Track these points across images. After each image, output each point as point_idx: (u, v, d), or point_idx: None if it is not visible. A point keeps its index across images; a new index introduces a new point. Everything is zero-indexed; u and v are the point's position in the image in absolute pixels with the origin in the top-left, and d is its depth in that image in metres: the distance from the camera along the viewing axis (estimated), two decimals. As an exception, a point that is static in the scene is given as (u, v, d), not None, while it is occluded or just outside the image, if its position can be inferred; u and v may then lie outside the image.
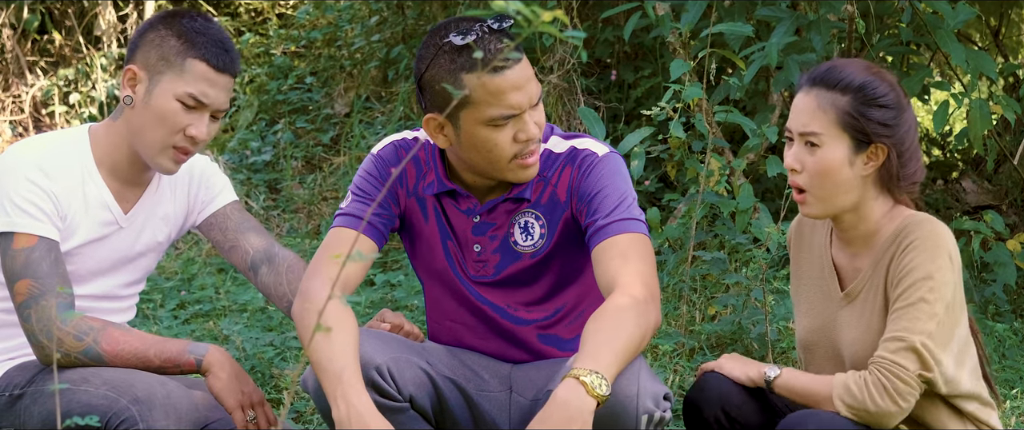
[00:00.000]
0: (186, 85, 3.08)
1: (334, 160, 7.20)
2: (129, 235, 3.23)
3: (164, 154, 3.12)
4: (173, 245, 6.56)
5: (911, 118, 2.97)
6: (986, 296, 5.31)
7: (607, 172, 3.11)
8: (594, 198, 3.09)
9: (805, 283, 3.13)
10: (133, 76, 3.12)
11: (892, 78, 2.97)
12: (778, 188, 5.97)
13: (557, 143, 3.17)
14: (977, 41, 6.54)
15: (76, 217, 3.13)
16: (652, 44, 6.52)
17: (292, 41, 8.24)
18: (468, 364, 3.22)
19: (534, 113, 3.02)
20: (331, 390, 2.89)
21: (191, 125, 3.10)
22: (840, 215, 3.00)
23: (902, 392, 2.85)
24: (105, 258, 3.20)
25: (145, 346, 3.06)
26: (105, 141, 3.18)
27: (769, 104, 5.93)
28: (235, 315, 5.35)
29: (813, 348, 3.09)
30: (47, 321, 3.01)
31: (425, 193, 3.18)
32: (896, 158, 2.93)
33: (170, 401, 2.94)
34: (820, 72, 2.96)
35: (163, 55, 3.09)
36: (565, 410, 2.77)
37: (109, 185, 3.18)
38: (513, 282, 3.20)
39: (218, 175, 3.38)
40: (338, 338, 2.93)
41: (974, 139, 5.23)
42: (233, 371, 3.09)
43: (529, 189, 3.13)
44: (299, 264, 3.30)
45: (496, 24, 2.96)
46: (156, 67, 3.09)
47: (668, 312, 5.05)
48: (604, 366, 2.81)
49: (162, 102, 3.09)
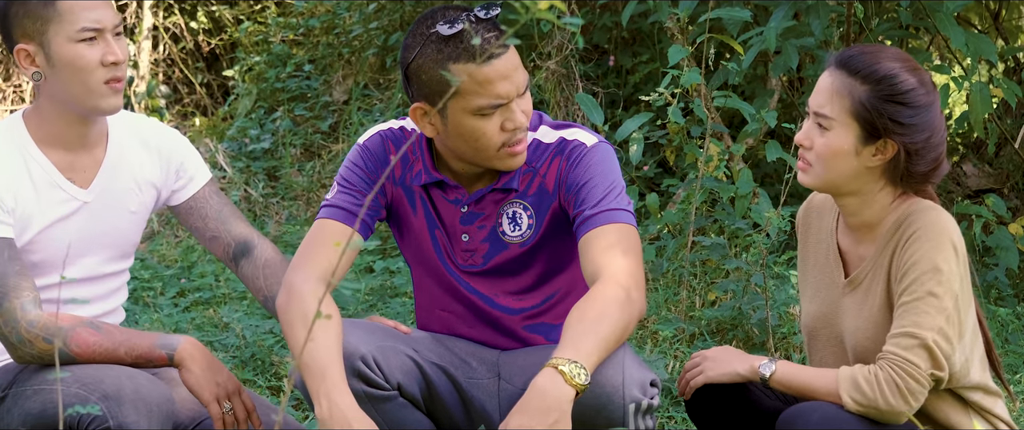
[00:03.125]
0: (71, 24, 3.03)
1: (333, 147, 7.20)
2: (96, 208, 3.17)
3: (99, 94, 3.06)
4: (173, 233, 6.57)
5: (934, 119, 2.89)
6: (988, 280, 5.31)
7: (595, 162, 3.10)
8: (582, 188, 3.08)
9: (811, 268, 3.11)
10: (26, 54, 3.06)
11: (925, 76, 2.90)
12: (777, 173, 5.97)
13: (546, 133, 3.16)
14: (977, 24, 6.52)
15: (27, 205, 3.07)
16: (650, 29, 6.51)
17: (290, 29, 8.23)
18: (455, 351, 3.21)
19: (521, 101, 3.02)
20: (314, 388, 2.88)
21: (104, 54, 3.05)
22: (841, 198, 2.97)
23: (914, 391, 2.83)
24: (77, 238, 3.14)
25: (115, 344, 3.02)
26: (37, 120, 3.12)
27: (768, 89, 5.92)
28: (235, 302, 5.35)
29: (817, 334, 3.07)
30: (13, 323, 2.97)
31: (413, 183, 3.17)
32: (904, 156, 2.88)
33: (139, 395, 2.90)
34: (850, 54, 2.91)
35: (35, 16, 3.04)
36: (543, 400, 2.77)
37: (58, 161, 3.12)
38: (501, 271, 3.19)
39: (190, 152, 3.32)
40: (321, 335, 2.92)
41: (975, 123, 5.22)
42: (206, 363, 3.05)
43: (517, 179, 3.13)
44: (276, 258, 3.28)
45: (483, 13, 2.95)
46: (38, 30, 3.04)
47: (668, 298, 5.05)
48: (584, 355, 2.81)
49: (66, 53, 3.04)
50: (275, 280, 3.25)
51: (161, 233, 6.56)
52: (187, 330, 4.98)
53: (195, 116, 8.73)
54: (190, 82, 9.00)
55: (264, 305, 3.29)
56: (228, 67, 8.82)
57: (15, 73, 8.79)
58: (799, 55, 5.36)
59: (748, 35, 5.26)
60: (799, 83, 6.20)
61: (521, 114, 3.01)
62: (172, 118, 8.66)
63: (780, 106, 6.00)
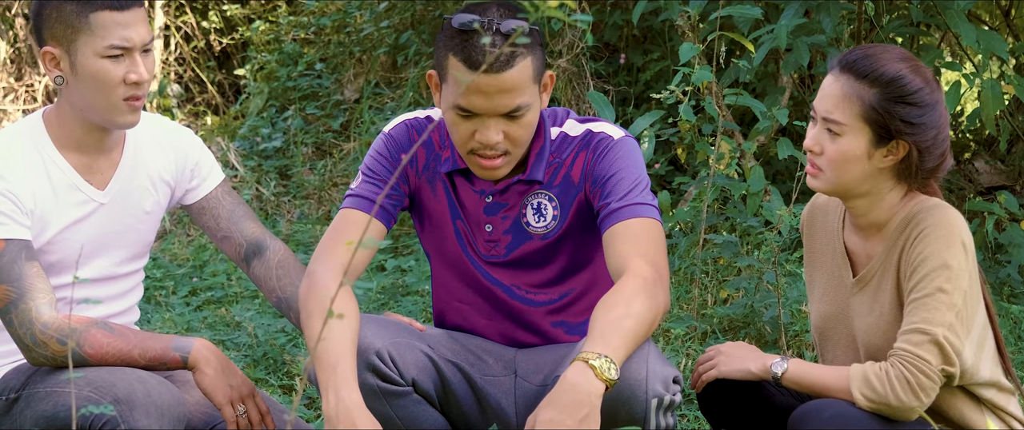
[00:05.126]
0: (102, 40, 3.01)
1: (344, 146, 7.20)
2: (112, 210, 3.17)
3: (117, 110, 3.06)
4: (186, 232, 6.58)
5: (940, 115, 2.90)
6: (1001, 277, 5.30)
7: (622, 156, 3.11)
8: (607, 181, 3.08)
9: (819, 269, 3.11)
10: (52, 57, 3.06)
11: (928, 73, 2.91)
12: (789, 170, 5.96)
13: (573, 126, 3.16)
14: (988, 21, 6.51)
15: (45, 207, 3.08)
16: (661, 27, 6.50)
17: (302, 28, 8.24)
18: (471, 348, 3.21)
19: (501, 122, 3.01)
20: (324, 381, 2.89)
21: (128, 72, 3.03)
22: (851, 199, 2.97)
23: (925, 387, 2.82)
24: (93, 239, 3.14)
25: (129, 346, 3.02)
26: (58, 121, 3.12)
27: (779, 86, 5.91)
28: (247, 301, 5.36)
29: (828, 334, 3.07)
30: (28, 325, 2.97)
31: (440, 170, 3.17)
32: (916, 155, 2.89)
33: (151, 399, 2.90)
34: (853, 58, 2.90)
35: (67, 23, 3.02)
36: (574, 393, 2.77)
37: (76, 164, 3.12)
38: (524, 263, 3.19)
39: (204, 152, 3.32)
40: (337, 328, 2.93)
41: (986, 119, 5.21)
42: (220, 365, 3.05)
43: (542, 171, 3.13)
44: (289, 259, 3.28)
45: (503, 26, 2.94)
46: (67, 37, 3.03)
47: (680, 296, 5.05)
48: (613, 349, 2.81)
49: (90, 66, 3.02)
50: (288, 281, 3.25)
51: (173, 232, 6.57)
52: (199, 329, 4.99)
53: (207, 115, 8.74)
54: (202, 81, 9.01)
55: (276, 306, 3.29)
56: (240, 66, 8.84)
57: (27, 72, 8.81)
58: (810, 52, 5.36)
59: (759, 32, 5.26)
60: (810, 80, 6.19)
61: (495, 133, 3.00)
62: (184, 117, 8.68)
63: (791, 103, 5.99)
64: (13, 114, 8.70)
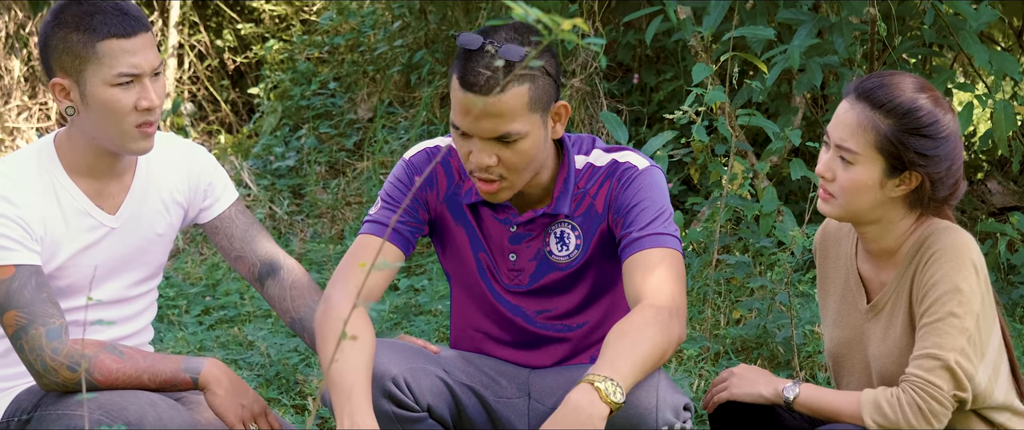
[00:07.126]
0: (110, 68, 3.00)
1: (357, 165, 7.21)
2: (124, 234, 3.17)
3: (130, 137, 3.05)
4: (198, 251, 6.59)
5: (954, 147, 2.89)
6: (1014, 298, 5.28)
7: (646, 185, 3.11)
8: (631, 211, 3.08)
9: (832, 294, 3.10)
10: (61, 88, 3.05)
11: (945, 103, 2.89)
12: (802, 191, 5.96)
13: (599, 156, 3.16)
14: (1000, 42, 6.51)
15: (56, 232, 3.07)
16: (674, 47, 6.51)
17: (315, 47, 8.25)
18: (485, 371, 3.22)
19: (494, 146, 3.00)
20: (339, 407, 2.89)
21: (139, 99, 3.02)
22: (863, 226, 2.97)
23: (937, 412, 2.82)
24: (103, 263, 3.14)
25: (139, 371, 3.02)
26: (69, 148, 3.11)
27: (792, 107, 5.91)
28: (260, 321, 5.36)
29: (843, 360, 3.06)
30: (38, 350, 2.97)
31: (463, 201, 3.17)
32: (929, 185, 2.88)
33: (162, 422, 2.91)
34: (870, 86, 2.89)
35: (74, 54, 3.01)
36: (577, 414, 2.77)
37: (86, 189, 3.12)
38: (546, 291, 3.20)
39: (218, 170, 3.32)
40: (352, 354, 2.93)
41: (999, 140, 5.21)
42: (231, 385, 3.06)
43: (568, 204, 3.13)
44: (303, 280, 3.28)
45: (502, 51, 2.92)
46: (75, 68, 3.01)
47: (693, 316, 5.04)
48: (622, 375, 2.81)
49: (100, 95, 3.01)
50: (302, 302, 3.25)
51: (186, 251, 6.58)
52: (212, 348, 4.99)
53: (220, 133, 8.76)
54: (215, 100, 9.03)
55: (291, 327, 3.29)
56: (253, 85, 8.85)
57: (41, 91, 8.84)
58: (823, 73, 5.36)
59: (772, 53, 5.26)
60: (823, 101, 6.19)
61: (486, 156, 2.99)
62: (197, 135, 8.70)
63: (804, 124, 5.99)
64: (27, 132, 8.72)
